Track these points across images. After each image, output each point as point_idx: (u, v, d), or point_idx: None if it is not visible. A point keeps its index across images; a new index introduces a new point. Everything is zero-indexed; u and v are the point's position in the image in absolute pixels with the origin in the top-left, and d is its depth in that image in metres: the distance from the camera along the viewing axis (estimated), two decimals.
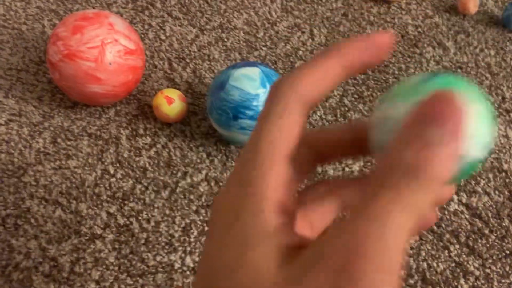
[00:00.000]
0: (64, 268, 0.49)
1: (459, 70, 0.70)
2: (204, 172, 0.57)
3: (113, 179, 0.56)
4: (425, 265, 0.52)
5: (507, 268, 0.52)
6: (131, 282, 0.49)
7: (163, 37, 0.71)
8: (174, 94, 0.58)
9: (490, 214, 0.56)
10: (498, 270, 0.52)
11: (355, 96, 0.66)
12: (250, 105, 0.52)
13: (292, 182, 0.19)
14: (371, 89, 0.67)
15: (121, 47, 0.56)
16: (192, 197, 0.55)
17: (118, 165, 0.57)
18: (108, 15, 0.56)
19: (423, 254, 0.52)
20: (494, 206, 0.57)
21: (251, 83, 0.52)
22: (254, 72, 0.53)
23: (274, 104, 0.19)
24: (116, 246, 0.51)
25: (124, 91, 0.59)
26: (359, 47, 0.19)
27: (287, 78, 0.19)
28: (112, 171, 0.56)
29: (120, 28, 0.56)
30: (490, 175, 0.59)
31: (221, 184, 0.56)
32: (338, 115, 0.64)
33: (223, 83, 0.53)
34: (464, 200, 0.57)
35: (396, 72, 0.69)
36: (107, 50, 0.54)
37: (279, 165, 0.18)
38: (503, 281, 0.51)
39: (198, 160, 0.58)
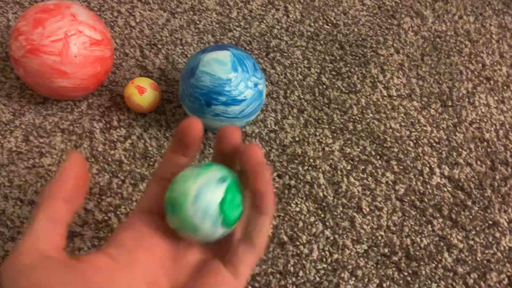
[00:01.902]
0: None
1: (437, 40, 0.69)
2: None
3: (88, 175, 0.55)
4: (408, 241, 0.51)
5: (490, 239, 0.52)
6: None
7: (133, 23, 0.68)
8: (145, 83, 0.57)
9: (472, 185, 0.55)
10: (482, 241, 0.52)
11: (333, 73, 0.65)
12: (222, 90, 0.50)
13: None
14: (349, 65, 0.66)
15: (86, 38, 0.54)
16: None
17: (93, 159, 0.56)
18: (70, 5, 0.54)
19: (406, 230, 0.52)
20: (476, 177, 0.56)
21: (222, 68, 0.50)
22: (225, 55, 0.51)
23: None
24: (96, 243, 0.50)
25: (94, 83, 0.57)
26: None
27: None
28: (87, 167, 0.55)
29: (83, 18, 0.54)
30: (472, 146, 0.59)
31: None
32: (317, 94, 0.63)
33: (193, 69, 0.51)
34: (446, 173, 0.56)
35: (374, 46, 0.68)
36: (71, 43, 0.52)
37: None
38: (486, 251, 0.51)
39: None
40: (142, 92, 0.56)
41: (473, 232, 0.52)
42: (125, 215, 0.52)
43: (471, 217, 0.53)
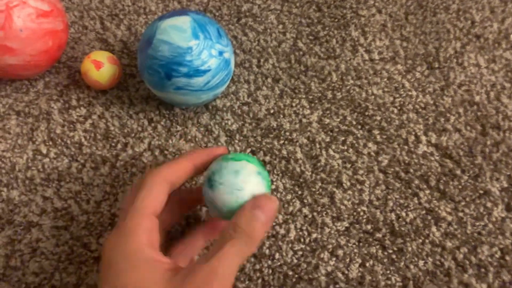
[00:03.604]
0: None
1: None
2: (146, 141, 0.52)
3: (46, 160, 0.50)
4: (393, 216, 0.48)
5: (481, 209, 0.48)
6: (74, 270, 0.44)
7: None
8: (103, 57, 0.52)
9: (461, 153, 0.51)
10: (472, 212, 0.48)
11: (311, 37, 0.60)
12: (183, 60, 0.45)
13: (164, 224, 0.38)
14: (327, 28, 0.61)
15: (31, 10, 0.48)
16: (134, 170, 0.50)
17: (51, 143, 0.51)
18: None
19: (391, 204, 0.48)
20: (465, 143, 0.52)
21: (181, 35, 0.45)
22: (184, 21, 0.46)
23: (145, 183, 0.35)
24: (55, 233, 0.46)
25: (47, 59, 0.52)
26: (203, 154, 0.38)
27: (157, 168, 0.35)
28: (44, 151, 0.51)
29: None
30: (461, 110, 0.54)
31: (166, 152, 0.51)
32: (293, 61, 0.58)
33: (150, 39, 0.47)
34: (433, 141, 0.52)
35: (354, 6, 0.63)
36: (15, 15, 0.47)
37: (146, 220, 0.32)
38: (477, 223, 0.47)
39: (140, 129, 0.52)
40: (99, 67, 0.51)
41: (463, 203, 0.48)
42: (86, 202, 0.48)
43: (460, 187, 0.49)
